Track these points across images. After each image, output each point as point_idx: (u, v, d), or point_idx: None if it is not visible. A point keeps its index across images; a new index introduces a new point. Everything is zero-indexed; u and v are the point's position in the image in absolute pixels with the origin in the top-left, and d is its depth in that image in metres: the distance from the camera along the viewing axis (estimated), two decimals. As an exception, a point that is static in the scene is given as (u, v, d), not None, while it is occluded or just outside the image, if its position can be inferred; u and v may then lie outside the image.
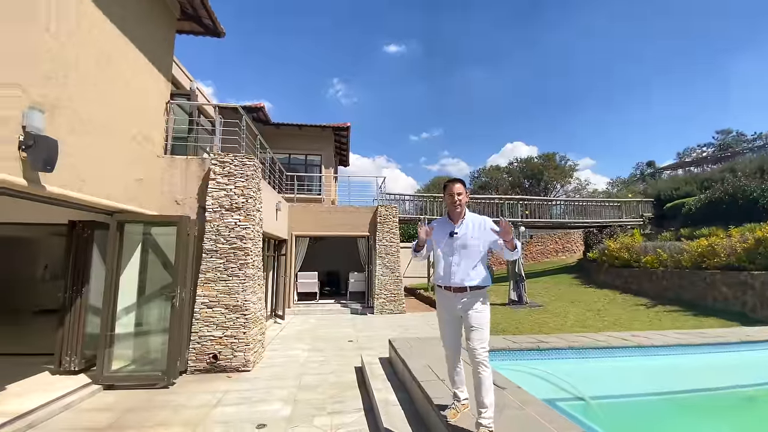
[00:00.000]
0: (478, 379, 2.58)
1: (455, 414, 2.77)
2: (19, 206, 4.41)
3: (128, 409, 4.00)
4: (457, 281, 2.69)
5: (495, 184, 37.49)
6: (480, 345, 2.60)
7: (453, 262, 2.73)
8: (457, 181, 2.88)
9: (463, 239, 2.74)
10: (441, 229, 2.86)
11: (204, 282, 5.46)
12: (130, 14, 5.00)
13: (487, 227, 2.73)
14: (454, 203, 2.80)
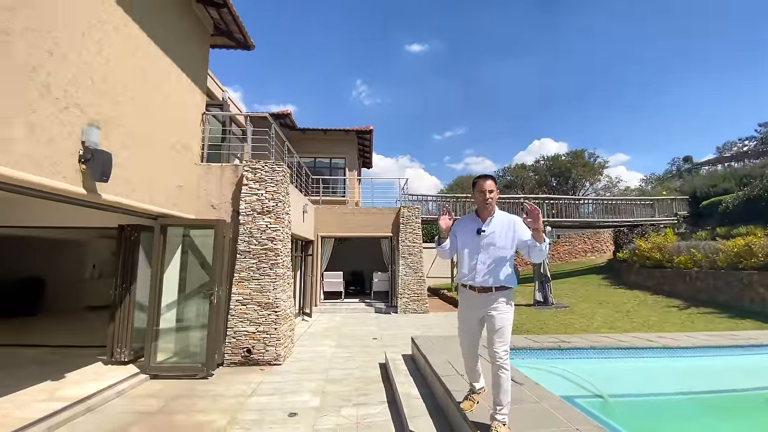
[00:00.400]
0: (497, 381, 2.55)
1: (471, 405, 2.88)
2: (73, 212, 4.91)
3: (173, 397, 4.39)
4: (482, 281, 2.62)
5: (521, 183, 36.86)
6: (502, 348, 2.55)
7: (479, 261, 2.65)
8: (488, 177, 2.74)
9: (491, 238, 2.65)
10: (467, 226, 2.79)
11: (238, 281, 5.85)
12: (171, 34, 5.44)
13: (517, 227, 2.65)
14: (485, 200, 2.68)
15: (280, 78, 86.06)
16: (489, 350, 2.60)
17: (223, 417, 3.84)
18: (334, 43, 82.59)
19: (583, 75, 65.27)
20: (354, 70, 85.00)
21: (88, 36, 3.87)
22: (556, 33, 64.03)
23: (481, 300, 2.65)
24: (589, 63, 64.38)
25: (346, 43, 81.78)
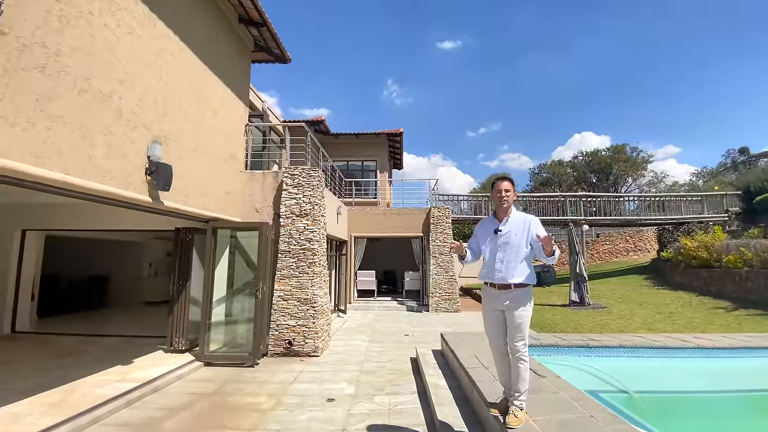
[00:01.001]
0: (516, 371, 2.72)
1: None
2: (136, 216, 5.57)
3: (225, 382, 4.91)
4: (500, 278, 2.76)
5: (558, 180, 35.68)
6: (520, 342, 2.70)
7: (497, 259, 2.80)
8: (504, 178, 2.92)
9: (507, 236, 2.80)
10: (486, 227, 2.98)
11: (280, 278, 6.34)
12: (218, 54, 6.01)
13: (532, 226, 2.80)
14: (500, 200, 2.86)
15: (312, 81, 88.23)
16: (509, 343, 2.78)
17: (269, 400, 4.28)
18: (365, 44, 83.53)
19: (628, 65, 61.71)
20: (385, 70, 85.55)
21: (152, 64, 4.44)
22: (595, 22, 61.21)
23: (501, 296, 2.80)
24: (634, 52, 60.88)
25: (377, 44, 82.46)
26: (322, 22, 78.19)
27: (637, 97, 60.13)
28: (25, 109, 2.97)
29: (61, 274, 9.40)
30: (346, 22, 77.67)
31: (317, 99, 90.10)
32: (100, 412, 3.77)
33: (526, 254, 2.80)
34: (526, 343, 2.76)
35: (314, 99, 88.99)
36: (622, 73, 61.56)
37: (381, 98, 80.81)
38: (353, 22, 77.83)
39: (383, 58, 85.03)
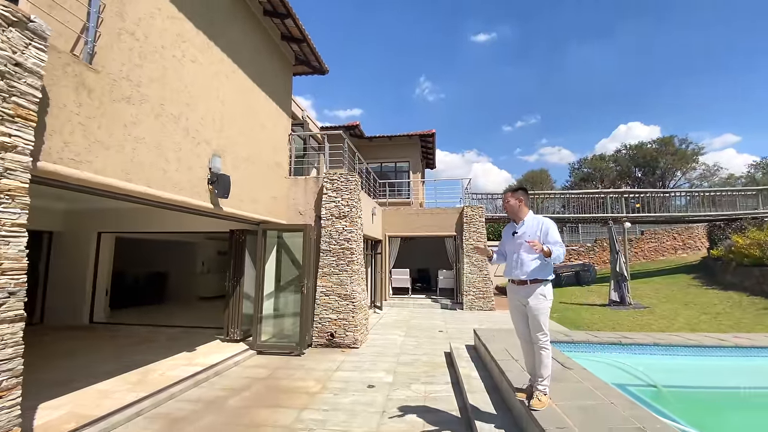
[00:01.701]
0: (538, 358, 2.98)
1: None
2: (195, 220, 6.25)
3: (276, 368, 5.46)
4: (518, 275, 3.08)
5: (600, 175, 34.34)
6: (540, 332, 2.97)
7: (515, 258, 3.14)
8: (507, 191, 3.40)
9: (522, 237, 3.11)
10: (508, 231, 3.35)
11: (322, 275, 6.85)
12: (265, 71, 6.59)
13: (544, 227, 3.08)
14: (516, 209, 3.25)
15: (345, 82, 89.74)
16: (531, 334, 3.06)
17: (316, 384, 4.76)
18: (396, 42, 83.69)
19: (680, 49, 57.57)
20: (417, 67, 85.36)
21: (211, 86, 5.05)
22: (642, 3, 57.61)
23: (520, 291, 3.09)
24: (686, 34, 56.81)
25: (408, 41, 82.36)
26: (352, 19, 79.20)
27: (692, 83, 56.19)
28: (116, 134, 3.60)
29: (127, 271, 10.50)
30: (376, 19, 78.21)
31: (350, 99, 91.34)
32: (175, 390, 4.41)
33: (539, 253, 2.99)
34: (546, 333, 2.99)
35: (347, 99, 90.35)
36: (673, 58, 57.67)
37: (413, 96, 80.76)
38: (383, 18, 78.20)
39: (415, 55, 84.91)
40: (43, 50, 2.78)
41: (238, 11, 5.82)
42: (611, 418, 2.62)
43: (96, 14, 3.44)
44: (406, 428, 3.54)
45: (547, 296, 3.01)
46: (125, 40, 3.73)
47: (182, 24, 4.54)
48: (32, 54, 2.70)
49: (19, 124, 2.61)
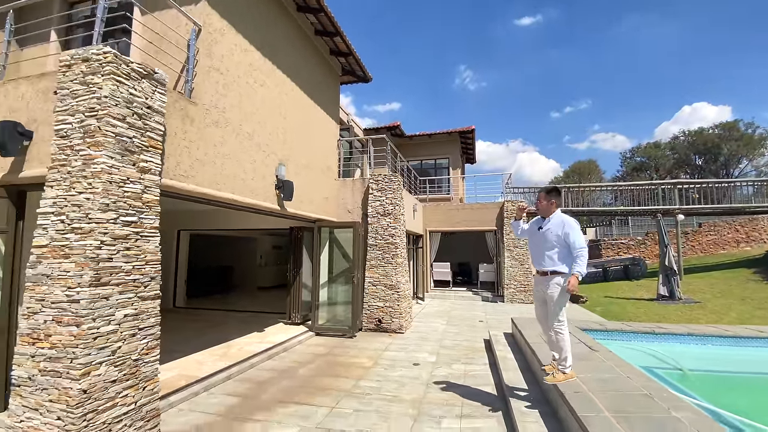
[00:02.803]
0: (557, 341, 3.34)
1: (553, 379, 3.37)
2: (259, 219, 7.18)
3: (333, 347, 6.27)
4: (539, 266, 3.45)
5: (654, 164, 32.38)
6: (554, 317, 3.31)
7: (538, 251, 3.48)
8: (542, 190, 3.68)
9: (546, 233, 3.43)
10: (534, 225, 3.64)
11: (369, 267, 7.59)
12: (316, 85, 7.37)
13: (566, 226, 3.35)
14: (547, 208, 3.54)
15: (383, 75, 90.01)
16: (549, 318, 3.40)
17: (368, 361, 5.49)
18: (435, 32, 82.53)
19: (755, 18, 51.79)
20: (457, 56, 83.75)
21: (276, 105, 5.89)
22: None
23: (542, 280, 3.46)
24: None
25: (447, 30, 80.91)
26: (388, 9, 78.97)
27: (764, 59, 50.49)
28: (209, 153, 4.48)
29: (200, 264, 11.93)
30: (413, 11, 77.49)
31: (389, 93, 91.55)
32: (254, 361, 5.33)
33: (560, 247, 3.37)
34: (560, 320, 3.31)
35: (386, 94, 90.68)
36: (748, 29, 51.85)
37: (453, 86, 79.49)
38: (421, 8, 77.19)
39: (455, 44, 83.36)
40: (163, 93, 3.66)
41: (294, 34, 6.62)
42: (623, 387, 3.06)
43: (193, 57, 4.33)
44: (448, 397, 4.15)
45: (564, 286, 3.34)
46: (213, 75, 4.61)
47: (252, 54, 5.38)
48: (157, 98, 3.59)
49: (152, 152, 3.50)
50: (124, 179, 3.17)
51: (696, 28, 55.05)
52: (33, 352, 2.90)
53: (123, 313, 3.09)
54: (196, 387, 4.33)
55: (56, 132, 3.18)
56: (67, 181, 3.06)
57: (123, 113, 3.19)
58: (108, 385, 2.93)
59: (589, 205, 17.52)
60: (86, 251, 2.88)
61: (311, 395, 4.22)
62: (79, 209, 2.97)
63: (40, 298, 2.94)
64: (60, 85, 3.25)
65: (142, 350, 3.24)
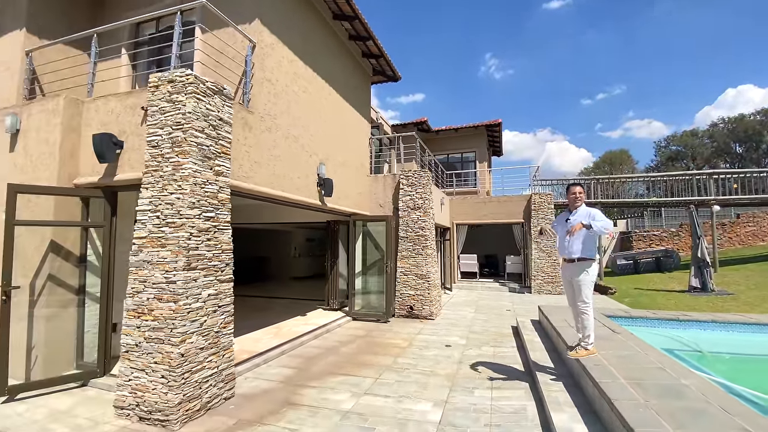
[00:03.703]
0: (581, 321, 3.73)
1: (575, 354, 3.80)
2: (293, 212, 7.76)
3: (370, 330, 6.84)
4: (567, 254, 3.78)
5: (691, 153, 31.13)
6: (580, 299, 3.66)
7: (566, 240, 3.78)
8: (577, 184, 3.95)
9: (573, 223, 3.71)
10: (562, 217, 4.00)
11: (401, 258, 8.09)
12: (350, 87, 7.88)
13: (591, 215, 3.64)
14: (574, 200, 3.86)
15: (406, 65, 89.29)
16: (576, 301, 3.76)
17: (404, 342, 6.02)
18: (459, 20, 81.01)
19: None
20: (481, 44, 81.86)
21: (317, 109, 6.44)
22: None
23: (568, 268, 3.84)
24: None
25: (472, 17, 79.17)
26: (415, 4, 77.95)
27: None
28: (264, 156, 5.07)
29: (240, 255, 12.80)
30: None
31: (412, 85, 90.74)
32: (303, 339, 5.96)
33: (586, 237, 3.69)
34: (586, 301, 3.65)
35: (409, 85, 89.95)
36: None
37: (478, 74, 78.02)
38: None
39: (479, 32, 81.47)
40: (230, 106, 4.26)
41: (331, 42, 7.12)
42: (640, 361, 3.42)
43: (250, 71, 4.91)
44: (479, 372, 4.60)
45: (590, 272, 3.71)
46: (265, 85, 5.18)
47: (296, 64, 5.93)
48: (226, 110, 4.18)
49: (223, 157, 4.10)
50: (204, 181, 3.78)
51: (741, 6, 51.36)
52: (138, 324, 3.57)
53: (207, 293, 3.73)
54: (257, 360, 4.99)
55: (148, 143, 3.83)
56: (160, 184, 3.70)
57: (202, 125, 3.80)
58: (198, 351, 3.57)
59: (620, 197, 17.28)
60: (179, 241, 3.52)
61: (356, 368, 4.78)
62: (171, 207, 3.60)
63: (142, 280, 3.61)
64: (150, 103, 3.88)
65: (221, 324, 3.88)
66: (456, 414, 3.47)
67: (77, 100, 4.50)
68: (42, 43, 5.15)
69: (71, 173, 4.42)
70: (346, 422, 3.35)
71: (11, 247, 3.83)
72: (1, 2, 5.43)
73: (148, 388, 3.40)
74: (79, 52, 5.51)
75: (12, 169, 4.55)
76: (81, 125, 4.49)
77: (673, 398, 2.70)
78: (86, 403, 3.74)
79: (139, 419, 3.38)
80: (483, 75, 76.57)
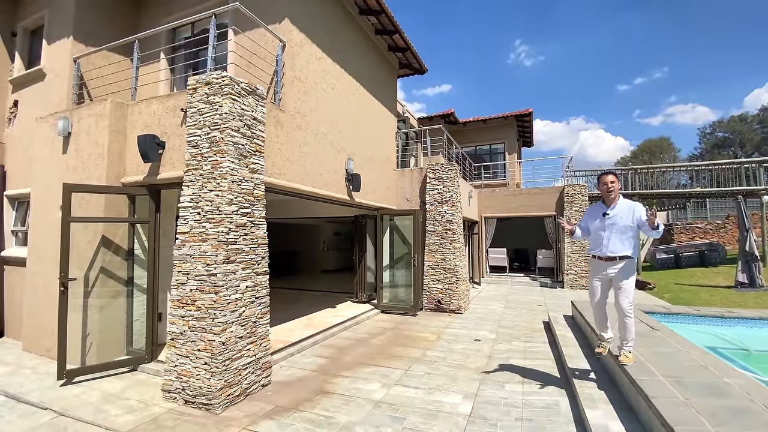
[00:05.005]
0: (623, 324, 3.37)
1: (603, 350, 3.69)
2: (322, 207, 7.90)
3: (398, 323, 6.92)
4: (607, 252, 3.43)
5: (739, 140, 29.11)
6: (626, 301, 3.31)
7: (604, 237, 3.45)
8: (609, 173, 3.58)
9: (614, 219, 3.41)
10: (595, 211, 3.64)
11: (428, 252, 8.10)
12: (377, 82, 7.91)
13: (637, 211, 3.39)
14: (607, 191, 3.51)
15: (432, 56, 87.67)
16: (618, 304, 3.41)
17: (432, 335, 6.06)
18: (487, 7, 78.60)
19: None
20: (510, 31, 79.01)
21: (344, 105, 6.52)
22: None
23: (607, 266, 3.47)
24: None
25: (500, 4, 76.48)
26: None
27: None
28: (294, 153, 5.20)
29: (271, 248, 13.23)
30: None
31: (438, 76, 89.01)
32: (333, 330, 6.13)
33: (631, 233, 3.42)
34: (631, 302, 3.36)
35: (435, 76, 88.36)
36: None
37: (507, 62, 75.56)
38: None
39: (509, 18, 78.64)
40: (263, 106, 4.40)
41: (357, 37, 7.16)
42: (680, 359, 3.30)
43: (281, 70, 5.03)
44: (510, 367, 4.58)
45: (634, 270, 3.43)
46: (295, 84, 5.30)
47: (325, 61, 6.02)
48: (259, 110, 4.33)
49: (258, 155, 4.26)
50: (241, 179, 3.95)
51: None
52: (183, 314, 3.80)
53: (245, 285, 3.91)
54: (291, 349, 5.18)
55: (188, 143, 4.03)
56: (200, 182, 3.89)
57: (238, 125, 3.96)
58: (237, 340, 3.77)
59: (660, 187, 16.43)
60: (219, 236, 3.70)
61: (386, 359, 4.88)
62: (211, 203, 3.79)
63: (185, 273, 3.83)
64: (189, 105, 4.08)
65: (258, 315, 4.06)
66: (487, 407, 3.49)
67: (122, 103, 4.79)
68: (88, 50, 5.48)
69: (118, 173, 4.72)
70: (378, 411, 3.44)
71: (67, 242, 4.15)
72: (49, 12, 5.83)
73: (192, 373, 3.62)
74: (122, 57, 5.83)
75: (65, 170, 4.92)
76: (126, 127, 4.78)
77: (714, 397, 2.60)
78: (136, 386, 4.03)
79: (185, 402, 3.62)
80: (512, 63, 74.27)
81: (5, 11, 6.44)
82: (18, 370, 4.52)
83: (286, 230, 13.84)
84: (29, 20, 6.29)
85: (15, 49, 6.47)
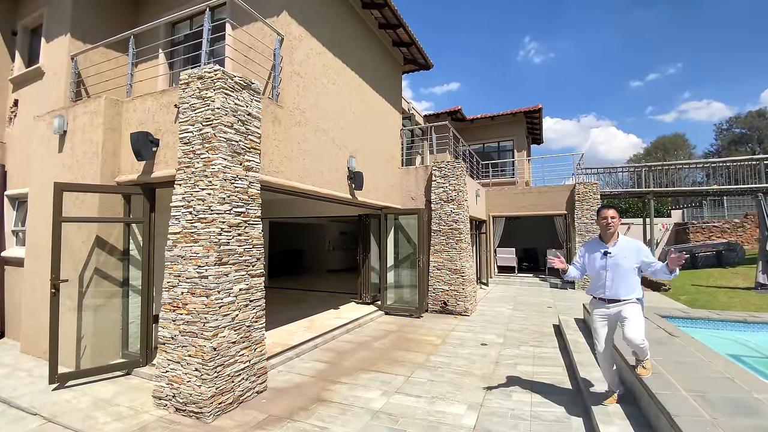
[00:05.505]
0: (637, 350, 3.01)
1: (612, 400, 3.21)
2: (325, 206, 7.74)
3: (402, 325, 6.72)
4: (610, 294, 3.07)
5: (757, 135, 28.22)
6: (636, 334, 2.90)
7: (607, 278, 3.08)
8: (609, 207, 3.20)
9: (616, 259, 3.05)
10: (593, 248, 3.25)
11: (434, 252, 7.88)
12: (380, 77, 7.70)
13: (641, 252, 3.04)
14: (606, 226, 3.14)
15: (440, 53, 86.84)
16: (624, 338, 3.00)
17: (437, 339, 5.85)
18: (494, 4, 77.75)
19: None
20: (519, 28, 78.09)
21: (346, 101, 6.33)
22: None
23: (611, 307, 3.11)
24: None
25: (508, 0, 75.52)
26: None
27: None
28: (293, 150, 5.03)
29: (276, 248, 13.14)
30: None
31: (446, 73, 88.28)
32: (334, 333, 5.95)
33: (635, 274, 3.07)
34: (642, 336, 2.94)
35: (443, 74, 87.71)
36: None
37: (517, 59, 74.67)
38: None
39: (517, 15, 77.70)
40: (258, 101, 4.23)
41: (360, 31, 6.96)
42: (703, 370, 3.04)
43: (278, 65, 4.86)
44: (518, 374, 4.35)
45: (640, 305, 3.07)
46: (294, 79, 5.12)
47: (325, 56, 5.83)
48: (254, 105, 4.16)
49: (253, 152, 4.09)
50: (234, 177, 3.79)
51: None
52: (174, 317, 3.65)
53: (238, 288, 3.75)
54: (289, 353, 5.02)
55: (180, 139, 3.87)
56: (192, 180, 3.74)
57: (231, 121, 3.79)
58: (230, 345, 3.61)
59: (674, 185, 15.93)
60: (211, 237, 3.54)
61: (388, 365, 4.68)
62: (202, 203, 3.64)
63: (177, 274, 3.68)
64: (181, 100, 3.93)
65: (252, 318, 3.90)
66: (492, 419, 3.27)
67: (117, 100, 4.67)
68: (86, 47, 5.38)
69: (113, 171, 4.60)
70: (376, 422, 3.25)
71: (59, 243, 4.04)
72: (48, 10, 5.75)
73: (183, 380, 3.47)
74: (119, 54, 5.72)
75: (61, 169, 4.82)
76: (121, 125, 4.66)
77: (743, 416, 2.35)
78: (129, 391, 3.90)
79: (175, 410, 3.47)
80: (522, 60, 73.27)
81: (6, 9, 6.39)
82: (13, 372, 4.43)
83: (291, 229, 13.74)
84: (29, 18, 6.23)
85: (15, 48, 6.42)
